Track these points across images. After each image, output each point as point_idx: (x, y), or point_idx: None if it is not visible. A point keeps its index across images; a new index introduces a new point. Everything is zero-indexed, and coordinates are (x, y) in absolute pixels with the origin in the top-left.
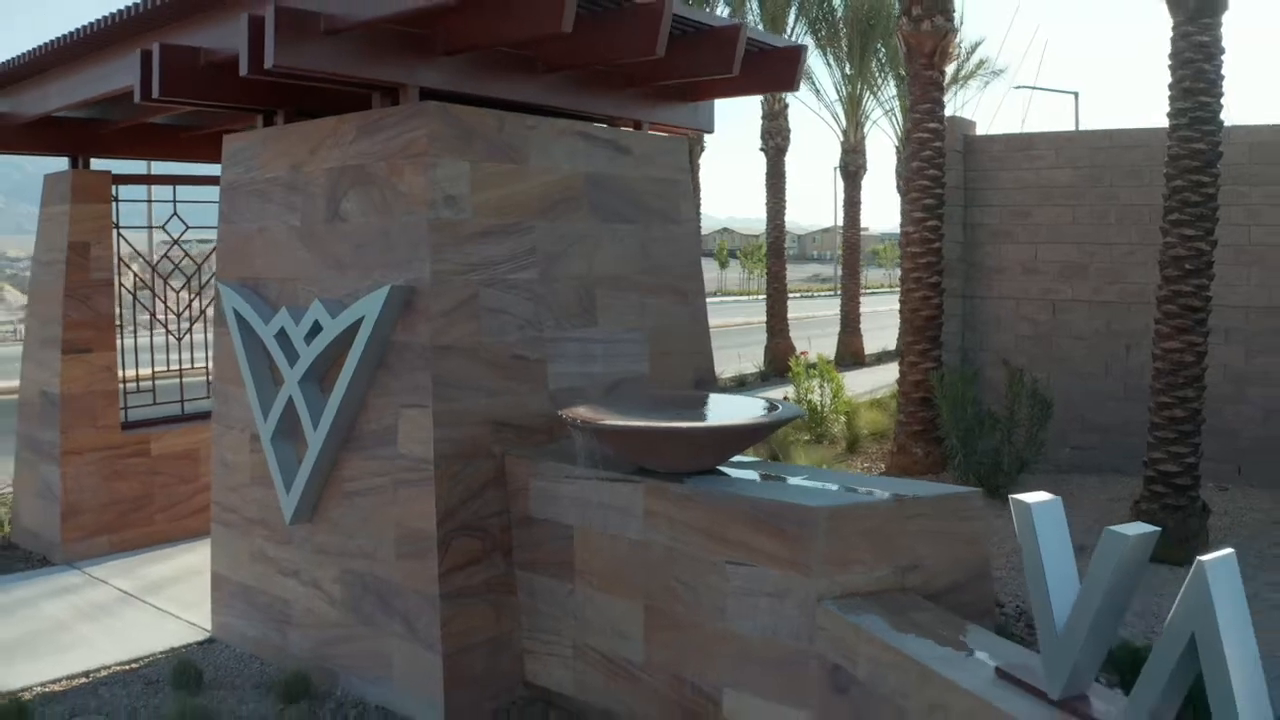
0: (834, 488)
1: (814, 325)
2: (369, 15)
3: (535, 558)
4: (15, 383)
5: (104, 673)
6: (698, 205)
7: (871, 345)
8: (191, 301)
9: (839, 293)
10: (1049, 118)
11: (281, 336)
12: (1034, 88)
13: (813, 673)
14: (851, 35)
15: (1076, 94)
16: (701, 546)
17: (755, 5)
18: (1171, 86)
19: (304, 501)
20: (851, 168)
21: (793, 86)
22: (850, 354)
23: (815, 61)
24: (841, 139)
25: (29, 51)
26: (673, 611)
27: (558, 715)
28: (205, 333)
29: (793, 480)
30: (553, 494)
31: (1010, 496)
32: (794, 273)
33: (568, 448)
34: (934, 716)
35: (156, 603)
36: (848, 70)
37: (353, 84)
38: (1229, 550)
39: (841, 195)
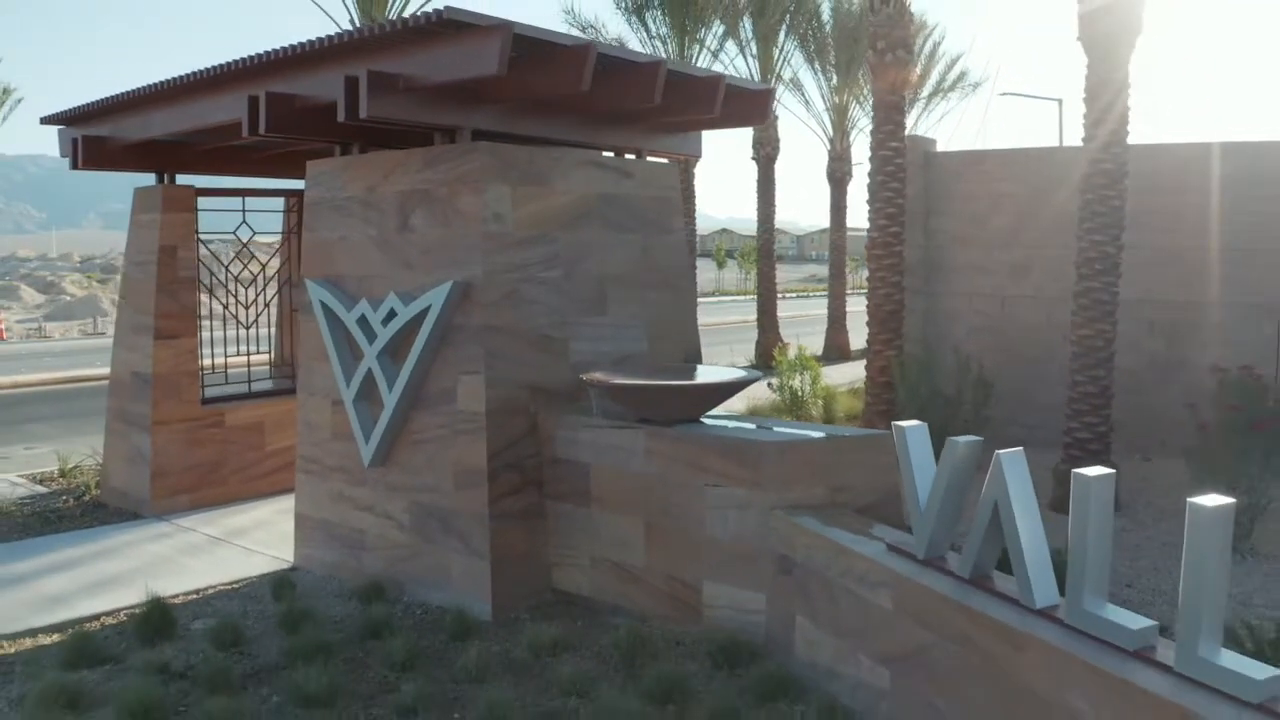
0: (784, 431)
1: (807, 323)
2: (438, 79)
3: (560, 489)
4: (45, 375)
5: (211, 590)
6: (693, 210)
7: (858, 341)
8: (256, 298)
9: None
10: (1035, 124)
11: (362, 321)
12: (1019, 95)
13: (767, 562)
14: (838, 49)
15: (1060, 101)
16: (687, 475)
17: (748, 24)
18: (1086, 117)
19: (379, 449)
20: (838, 174)
21: (764, 121)
22: (836, 349)
23: (804, 74)
24: (829, 147)
25: (137, 89)
26: (665, 525)
27: (577, 611)
28: (269, 326)
29: (754, 427)
30: (574, 440)
31: (892, 423)
32: (792, 273)
33: (585, 406)
34: (845, 578)
35: (242, 543)
36: (834, 82)
37: (420, 127)
38: (1018, 449)
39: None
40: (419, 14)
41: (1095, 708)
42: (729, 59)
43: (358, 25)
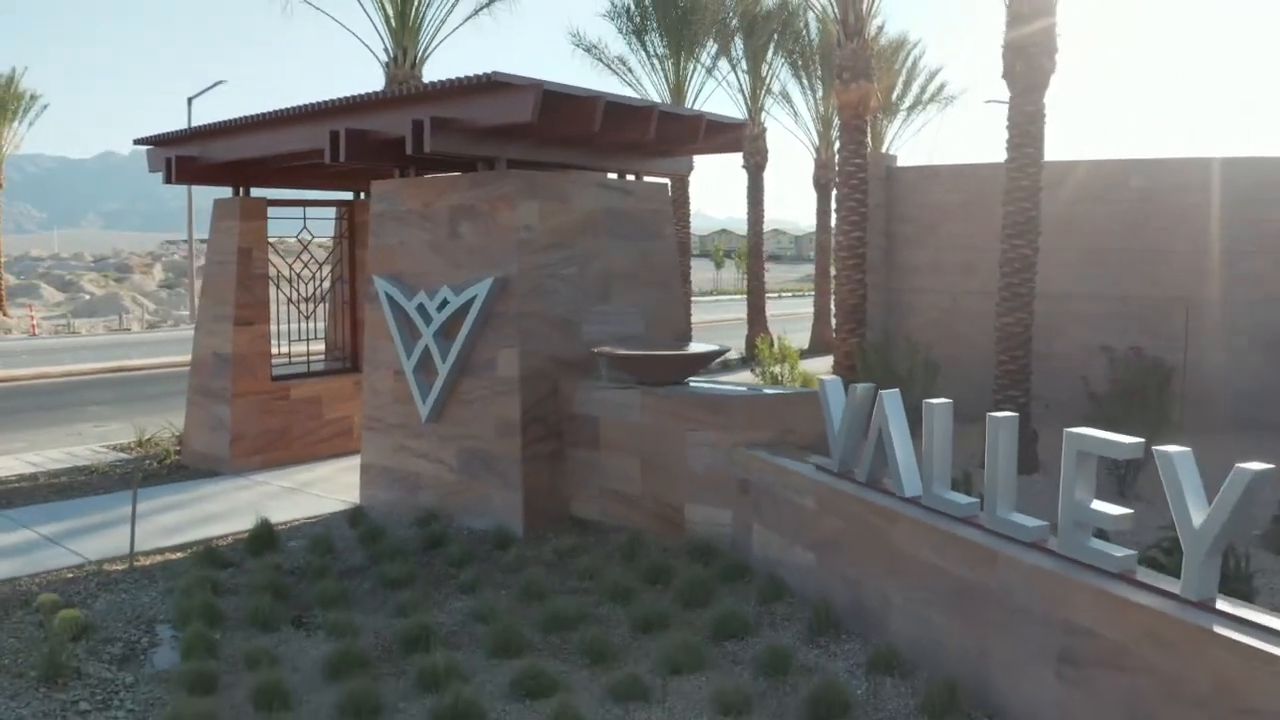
0: (748, 390)
1: (798, 320)
2: (483, 123)
3: (576, 437)
4: (91, 365)
5: (297, 522)
6: (686, 215)
7: None
8: (314, 292)
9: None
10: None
11: (420, 308)
12: (1004, 103)
13: (731, 486)
14: (824, 65)
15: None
16: (673, 423)
17: (739, 43)
18: (1008, 141)
19: (434, 408)
20: (823, 181)
21: (740, 149)
22: (821, 342)
23: (791, 88)
24: (815, 156)
25: (228, 120)
26: (656, 462)
27: (589, 531)
28: (325, 318)
29: (725, 387)
30: (587, 399)
31: (819, 378)
32: (790, 273)
33: (595, 373)
34: (785, 491)
35: (313, 492)
36: (820, 95)
37: (467, 158)
38: (895, 390)
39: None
40: (473, 75)
41: (940, 555)
42: (722, 74)
43: (391, 54)
